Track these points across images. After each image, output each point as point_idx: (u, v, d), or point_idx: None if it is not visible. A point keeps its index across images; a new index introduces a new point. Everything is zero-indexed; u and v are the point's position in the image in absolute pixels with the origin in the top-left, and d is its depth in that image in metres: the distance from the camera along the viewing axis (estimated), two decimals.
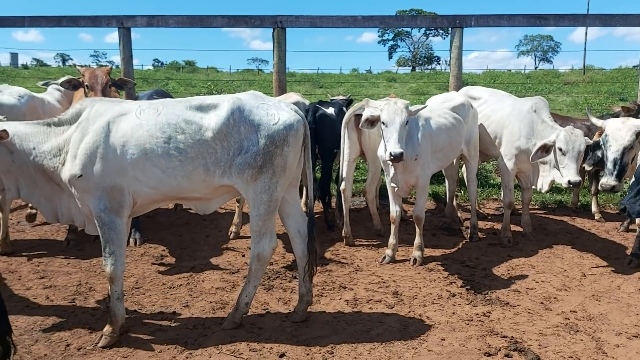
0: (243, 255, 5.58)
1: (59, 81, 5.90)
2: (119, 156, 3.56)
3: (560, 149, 5.25)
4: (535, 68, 56.44)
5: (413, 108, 5.07)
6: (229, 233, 6.18)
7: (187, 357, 3.55)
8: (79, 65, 6.15)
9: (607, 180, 4.82)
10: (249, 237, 6.20)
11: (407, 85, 25.25)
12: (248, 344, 3.74)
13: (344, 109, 6.53)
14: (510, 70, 39.79)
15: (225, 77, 29.27)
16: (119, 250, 3.68)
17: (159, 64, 52.94)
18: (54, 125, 3.73)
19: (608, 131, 4.95)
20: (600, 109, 14.60)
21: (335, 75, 34.04)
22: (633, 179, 4.15)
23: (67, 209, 3.83)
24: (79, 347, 3.66)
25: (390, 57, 66.62)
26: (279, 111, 3.77)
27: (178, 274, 5.01)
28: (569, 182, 5.13)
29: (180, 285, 4.76)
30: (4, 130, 3.63)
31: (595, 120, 5.29)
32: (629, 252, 5.64)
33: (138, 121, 3.62)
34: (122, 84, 5.95)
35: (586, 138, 5.30)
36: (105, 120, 3.62)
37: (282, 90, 8.06)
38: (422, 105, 5.28)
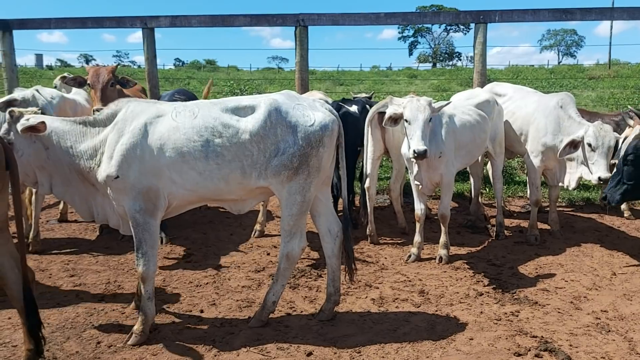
0: (268, 254, 5.60)
1: (57, 78, 6.11)
2: (155, 158, 3.57)
3: (590, 145, 5.16)
4: (559, 63, 55.44)
5: (436, 105, 5.03)
6: (254, 231, 6.21)
7: (215, 356, 3.58)
8: (90, 65, 6.35)
9: None
10: (274, 236, 6.27)
11: (429, 81, 25.02)
12: (275, 343, 3.75)
13: (367, 106, 6.49)
14: (533, 65, 39.17)
15: (246, 76, 29.37)
16: (151, 251, 3.69)
17: (180, 63, 53.45)
18: (90, 125, 3.74)
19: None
20: (628, 104, 14.30)
21: (356, 73, 33.91)
22: (614, 170, 4.21)
23: (102, 208, 3.84)
24: (109, 345, 3.72)
25: (410, 54, 66.32)
26: (314, 112, 3.76)
27: (204, 272, 5.05)
28: (599, 178, 5.03)
29: (207, 283, 4.80)
30: (42, 123, 3.63)
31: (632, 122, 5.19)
32: None
33: (174, 124, 3.63)
34: (125, 82, 6.04)
35: (615, 134, 5.19)
36: (142, 122, 3.63)
37: (304, 88, 8.07)
38: (446, 102, 5.23)
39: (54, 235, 6.29)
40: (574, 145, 5.29)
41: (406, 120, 4.90)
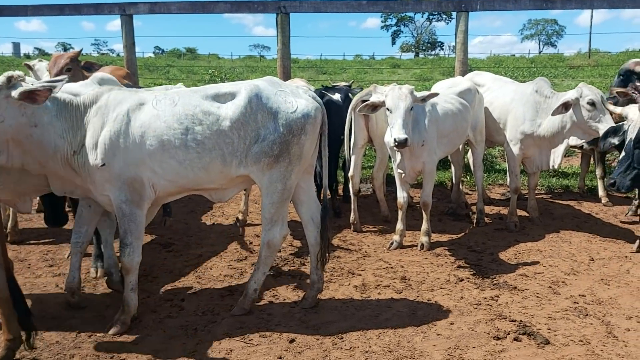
0: (250, 243, 5.59)
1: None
2: (137, 147, 3.51)
3: (592, 103, 5.25)
4: (540, 52, 55.96)
5: (419, 94, 5.03)
6: (236, 221, 6.19)
7: (196, 344, 3.57)
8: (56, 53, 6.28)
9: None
10: (256, 225, 6.25)
11: (411, 71, 25.09)
12: (258, 330, 3.76)
13: (350, 95, 6.49)
14: (514, 55, 39.44)
15: (227, 64, 29.14)
16: (136, 242, 3.62)
17: (160, 51, 52.69)
18: (73, 108, 3.55)
19: (634, 118, 4.68)
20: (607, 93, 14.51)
21: (339, 62, 33.85)
22: (623, 154, 4.11)
23: (74, 189, 3.74)
24: (89, 334, 3.68)
25: (393, 43, 66.12)
26: (296, 99, 3.71)
27: (185, 262, 5.03)
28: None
29: (188, 272, 4.78)
30: (48, 90, 3.27)
31: (614, 108, 5.22)
32: (639, 233, 5.61)
33: (155, 112, 3.56)
34: (89, 67, 5.95)
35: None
36: (124, 109, 3.54)
37: (286, 76, 8.02)
38: (429, 93, 5.23)
39: (33, 225, 6.19)
40: (565, 106, 5.33)
41: (388, 109, 4.90)
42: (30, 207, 4.06)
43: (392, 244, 5.51)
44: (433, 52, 60.37)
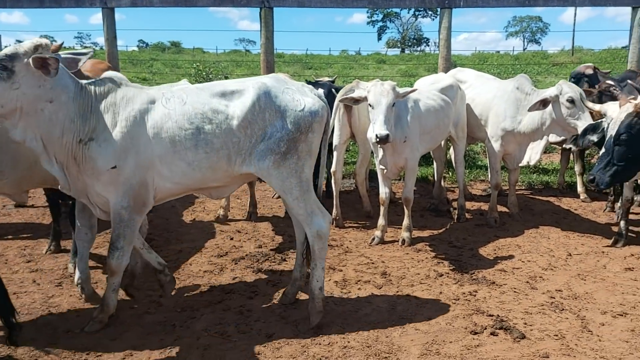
0: (231, 239, 5.56)
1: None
2: (149, 148, 3.37)
3: (571, 100, 5.28)
4: (524, 49, 56.41)
5: (401, 90, 5.04)
6: (217, 216, 6.16)
7: (175, 340, 3.55)
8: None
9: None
10: (237, 220, 6.23)
11: (396, 67, 25.15)
12: (236, 326, 3.75)
13: (333, 90, 6.48)
14: (499, 51, 39.73)
15: (212, 58, 28.93)
16: (127, 247, 3.52)
17: (144, 44, 52.14)
18: (87, 93, 3.37)
19: (613, 116, 4.59)
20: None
21: (325, 57, 33.79)
22: (603, 150, 4.14)
23: (74, 184, 3.47)
24: (66, 330, 3.65)
25: (379, 39, 66.24)
26: (303, 97, 3.64)
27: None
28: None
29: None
30: (55, 60, 3.10)
31: (592, 105, 5.26)
32: (615, 229, 5.69)
33: (166, 111, 3.42)
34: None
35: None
36: (136, 108, 3.39)
37: (269, 71, 7.98)
38: (411, 89, 5.25)
39: (11, 220, 6.11)
40: (543, 102, 5.38)
41: (370, 105, 4.91)
42: (27, 198, 4.04)
43: (373, 239, 5.53)
44: (419, 48, 60.61)
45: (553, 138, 5.60)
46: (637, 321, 3.88)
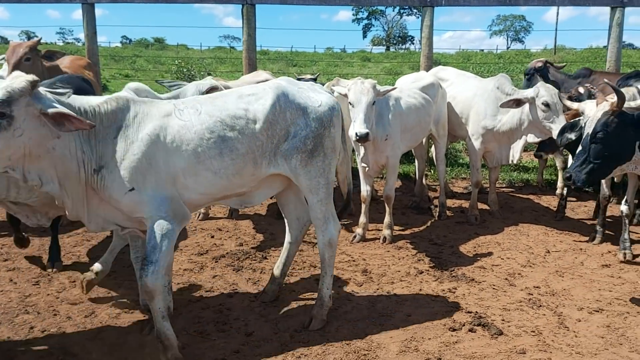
0: (212, 237, 5.53)
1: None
2: (171, 164, 3.21)
3: (546, 104, 5.31)
4: (508, 48, 56.86)
5: (382, 89, 5.05)
6: (198, 214, 6.12)
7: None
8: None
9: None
10: (219, 218, 6.20)
11: (381, 64, 25.19)
12: (215, 325, 3.74)
13: None
14: (483, 50, 40.04)
15: (196, 55, 28.73)
16: (163, 261, 3.16)
17: (128, 41, 51.59)
18: (94, 119, 3.11)
19: (590, 114, 4.83)
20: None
21: (309, 54, 33.72)
22: (580, 148, 4.18)
23: (96, 215, 3.29)
24: (42, 330, 3.61)
25: (364, 36, 66.36)
26: (317, 94, 3.68)
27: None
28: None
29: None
30: (87, 123, 2.91)
31: (570, 103, 5.30)
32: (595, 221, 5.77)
33: (182, 122, 3.28)
34: (50, 56, 5.77)
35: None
36: (151, 127, 3.19)
37: (252, 68, 7.95)
38: (392, 87, 5.27)
39: None
40: (517, 102, 5.43)
41: (350, 103, 4.91)
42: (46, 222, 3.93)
43: (355, 237, 5.54)
44: (404, 46, 60.76)
45: (531, 138, 5.67)
46: (613, 317, 3.95)
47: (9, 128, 2.77)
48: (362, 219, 5.57)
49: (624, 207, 5.04)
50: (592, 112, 4.55)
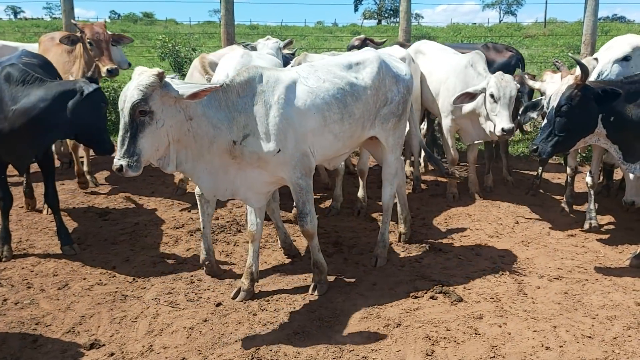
0: (188, 211, 5.61)
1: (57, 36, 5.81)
2: (303, 125, 3.54)
3: (492, 96, 5.15)
4: (500, 21, 56.44)
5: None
6: (176, 189, 6.18)
7: (124, 311, 3.64)
8: (73, 21, 6.06)
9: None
10: (194, 194, 6.23)
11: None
12: (186, 295, 3.86)
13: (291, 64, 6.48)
14: (475, 23, 39.71)
15: (185, 30, 28.38)
16: (312, 208, 3.73)
17: (116, 15, 50.84)
18: (224, 93, 3.37)
19: (550, 93, 4.62)
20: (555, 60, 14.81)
21: (299, 28, 33.35)
22: (545, 121, 4.24)
23: (232, 183, 3.55)
24: (16, 302, 3.71)
25: (356, 10, 65.59)
26: (402, 64, 4.25)
27: (121, 230, 5.04)
28: (502, 129, 5.04)
29: (123, 240, 4.81)
30: (204, 91, 3.16)
31: (532, 83, 5.32)
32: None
33: (309, 88, 3.61)
34: (119, 40, 5.75)
35: (515, 84, 5.22)
36: (282, 91, 3.48)
37: (230, 43, 7.92)
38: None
39: None
40: (470, 95, 5.26)
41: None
42: None
43: (330, 210, 5.64)
44: (396, 20, 60.11)
45: (489, 127, 5.39)
46: (572, 284, 4.09)
47: (152, 122, 3.07)
48: (337, 191, 5.66)
49: (588, 179, 5.16)
50: (556, 87, 4.64)
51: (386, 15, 61.59)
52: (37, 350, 3.22)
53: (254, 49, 5.90)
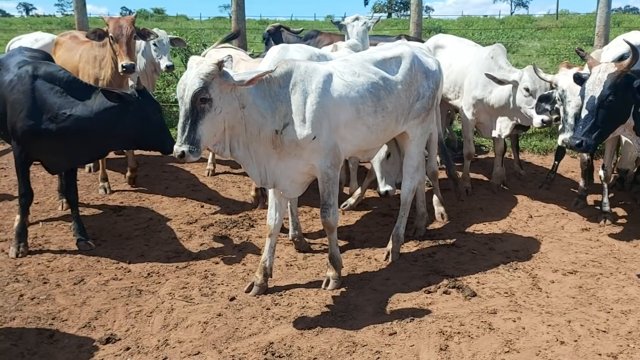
0: (202, 206, 5.64)
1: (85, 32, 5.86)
2: (337, 116, 3.65)
3: (527, 89, 5.20)
4: (511, 13, 55.91)
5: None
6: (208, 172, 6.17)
7: (139, 306, 3.68)
8: (101, 15, 6.03)
9: (567, 135, 4.51)
10: (208, 189, 6.28)
11: (381, 32, 24.85)
12: (200, 289, 3.89)
13: None
14: (486, 16, 39.35)
15: (196, 26, 28.40)
16: (336, 201, 3.83)
17: (127, 12, 51.01)
18: (267, 84, 3.50)
19: (564, 86, 4.75)
20: (569, 54, 14.64)
21: (310, 22, 33.32)
22: (585, 112, 3.95)
23: (272, 173, 3.67)
24: (32, 297, 3.76)
25: (366, 3, 65.32)
26: (431, 59, 4.31)
27: (135, 225, 5.08)
28: (542, 121, 5.07)
29: (137, 235, 4.85)
30: (257, 75, 3.32)
31: (545, 76, 5.25)
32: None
33: (345, 82, 3.70)
34: (145, 34, 5.75)
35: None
36: (319, 81, 3.60)
37: (241, 38, 7.92)
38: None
39: None
40: (497, 80, 5.27)
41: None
42: None
43: (345, 205, 5.61)
44: (406, 13, 59.76)
45: (523, 120, 5.44)
46: (586, 278, 4.06)
47: (211, 109, 3.19)
48: (354, 187, 5.66)
49: (601, 172, 5.10)
50: (567, 82, 4.55)
51: (396, 8, 61.30)
52: (53, 345, 3.26)
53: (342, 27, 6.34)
